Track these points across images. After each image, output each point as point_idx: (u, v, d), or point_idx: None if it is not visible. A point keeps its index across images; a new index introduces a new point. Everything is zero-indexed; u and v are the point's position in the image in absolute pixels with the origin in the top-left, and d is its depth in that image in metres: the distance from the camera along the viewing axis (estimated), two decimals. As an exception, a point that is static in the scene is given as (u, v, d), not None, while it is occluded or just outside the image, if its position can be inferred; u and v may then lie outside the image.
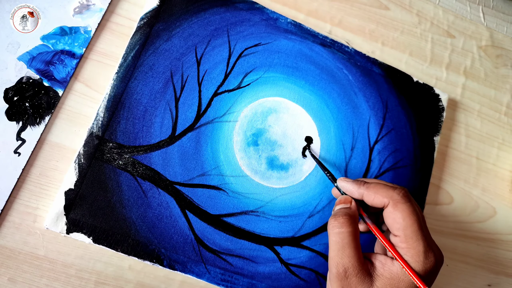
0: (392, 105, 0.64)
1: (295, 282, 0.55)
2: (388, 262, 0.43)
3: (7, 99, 0.51)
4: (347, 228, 0.44)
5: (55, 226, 0.49)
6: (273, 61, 0.60)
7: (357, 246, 0.43)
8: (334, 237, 0.44)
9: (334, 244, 0.44)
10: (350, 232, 0.43)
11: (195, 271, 0.52)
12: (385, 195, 0.44)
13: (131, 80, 0.54)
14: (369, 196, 0.45)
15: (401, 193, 0.44)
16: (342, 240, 0.43)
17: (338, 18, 0.66)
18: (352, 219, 0.45)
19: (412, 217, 0.42)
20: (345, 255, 0.42)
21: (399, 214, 0.43)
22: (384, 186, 0.45)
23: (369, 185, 0.46)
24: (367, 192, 0.46)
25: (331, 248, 0.44)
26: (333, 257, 0.43)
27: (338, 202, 0.48)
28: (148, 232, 0.51)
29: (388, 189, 0.44)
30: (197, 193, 0.54)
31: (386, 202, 0.44)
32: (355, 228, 0.44)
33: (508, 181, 0.68)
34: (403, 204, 0.43)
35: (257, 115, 0.58)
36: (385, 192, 0.44)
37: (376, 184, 0.46)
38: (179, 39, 0.57)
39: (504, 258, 0.65)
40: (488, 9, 0.74)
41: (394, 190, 0.44)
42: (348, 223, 0.44)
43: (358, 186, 0.47)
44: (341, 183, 0.49)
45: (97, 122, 0.52)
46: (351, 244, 0.43)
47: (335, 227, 0.44)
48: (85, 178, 0.51)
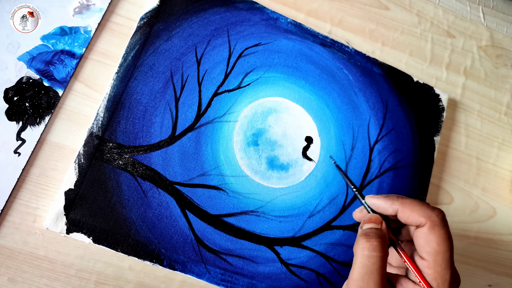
0: (392, 105, 0.64)
1: (295, 282, 0.55)
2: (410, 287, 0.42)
3: (7, 99, 0.51)
4: (379, 253, 0.41)
5: (55, 226, 0.49)
6: (273, 61, 0.60)
7: (385, 272, 0.41)
8: (363, 259, 0.41)
9: (361, 266, 0.41)
10: (381, 258, 0.41)
11: (195, 271, 0.52)
12: (423, 215, 0.41)
13: (131, 80, 0.54)
14: (405, 212, 0.42)
15: (440, 215, 0.41)
16: (372, 265, 0.41)
17: (338, 18, 0.66)
18: (384, 242, 0.42)
19: (447, 244, 0.40)
20: (372, 281, 0.40)
21: (435, 238, 0.40)
22: (421, 204, 0.42)
23: (404, 200, 0.43)
24: (402, 208, 0.43)
25: (356, 269, 0.41)
26: (357, 279, 0.41)
27: (368, 221, 0.45)
28: (148, 232, 0.51)
29: (426, 209, 0.42)
30: (197, 193, 0.54)
31: (423, 222, 0.41)
32: (386, 253, 0.42)
33: (508, 181, 0.68)
34: (441, 229, 0.41)
35: (257, 115, 0.58)
36: (423, 212, 0.41)
37: (411, 201, 0.43)
38: (179, 39, 0.57)
39: (505, 258, 0.65)
40: (488, 9, 0.74)
41: (433, 211, 0.41)
42: (380, 247, 0.41)
43: (392, 201, 0.44)
44: (371, 200, 0.46)
45: (97, 122, 0.52)
46: (380, 271, 0.40)
47: (365, 249, 0.41)
48: (85, 178, 0.51)
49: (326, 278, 0.56)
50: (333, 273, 0.57)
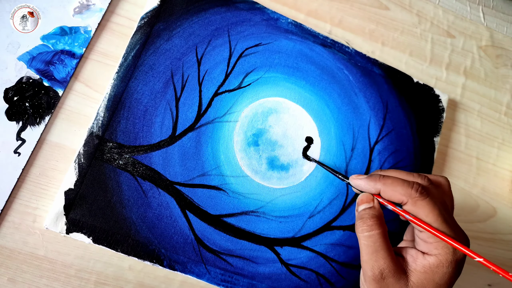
0: (392, 106, 0.64)
1: (295, 283, 0.55)
2: (420, 257, 0.43)
3: (7, 99, 0.51)
4: (377, 229, 0.43)
5: (55, 226, 0.49)
6: (273, 61, 0.60)
7: (389, 246, 0.43)
8: (365, 240, 0.44)
9: (366, 247, 0.43)
10: (380, 234, 0.43)
11: (195, 271, 0.52)
12: (403, 193, 0.43)
13: (132, 79, 0.54)
14: (387, 192, 0.44)
15: (419, 189, 0.43)
16: (374, 243, 0.43)
17: (338, 18, 0.66)
18: (380, 219, 0.45)
19: (434, 212, 0.42)
20: (380, 257, 0.42)
21: (420, 211, 0.42)
22: (401, 182, 0.44)
23: (386, 180, 0.45)
24: (384, 188, 0.45)
25: (363, 252, 0.44)
26: (367, 260, 0.43)
27: (360, 202, 0.47)
28: (148, 232, 0.51)
29: (406, 186, 0.43)
30: (197, 193, 0.54)
31: (404, 200, 0.43)
32: (384, 228, 0.44)
33: (508, 181, 0.68)
34: (422, 201, 0.42)
35: (257, 115, 0.58)
36: (402, 190, 0.43)
37: (393, 179, 0.45)
38: (179, 39, 0.57)
39: (505, 258, 0.66)
40: (488, 9, 0.74)
41: (412, 187, 0.43)
42: (377, 224, 0.44)
43: (374, 183, 0.46)
44: (355, 182, 0.48)
45: (97, 122, 0.52)
46: (383, 246, 0.43)
47: (364, 230, 0.44)
48: (85, 178, 0.51)
49: (326, 279, 0.56)
50: (333, 274, 0.57)
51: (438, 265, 0.42)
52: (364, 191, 0.47)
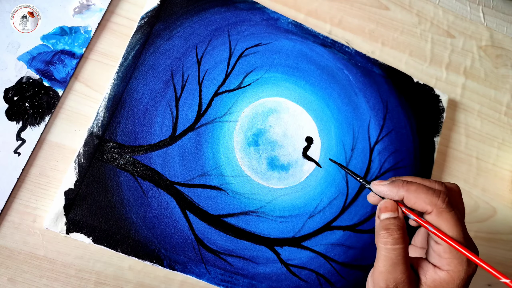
0: (392, 106, 0.64)
1: (295, 283, 0.55)
2: (430, 270, 0.42)
3: (7, 99, 0.51)
4: (401, 244, 0.42)
5: (54, 226, 0.49)
6: (273, 61, 0.60)
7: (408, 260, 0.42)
8: (387, 253, 0.42)
9: (386, 259, 0.42)
10: (403, 248, 0.42)
11: (195, 271, 0.52)
12: (428, 202, 0.41)
13: (132, 79, 0.54)
14: (410, 199, 0.42)
15: (446, 200, 0.41)
16: (396, 257, 0.41)
17: (338, 18, 0.66)
18: (405, 232, 0.43)
19: (457, 228, 0.41)
20: (398, 271, 0.41)
21: (444, 224, 0.41)
22: (425, 190, 0.42)
23: (409, 187, 0.43)
24: (407, 194, 0.43)
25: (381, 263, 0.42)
26: (384, 272, 0.42)
27: (384, 209, 0.44)
28: (148, 232, 0.51)
29: (431, 195, 0.41)
30: (197, 193, 0.54)
31: (429, 209, 0.41)
32: (407, 242, 0.42)
33: (508, 181, 0.68)
34: (448, 214, 0.41)
35: (257, 115, 0.58)
36: (428, 198, 0.41)
37: (417, 186, 0.43)
38: (179, 39, 0.57)
39: (505, 258, 0.66)
40: (488, 9, 0.74)
41: (438, 197, 0.41)
42: (402, 239, 0.42)
43: (397, 189, 0.44)
44: (377, 188, 0.46)
45: (97, 122, 0.52)
46: (404, 260, 0.41)
47: (388, 243, 0.42)
48: (85, 178, 0.51)
49: (326, 279, 0.56)
50: (333, 274, 0.57)
51: (449, 282, 0.41)
52: (387, 197, 0.45)
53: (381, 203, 0.45)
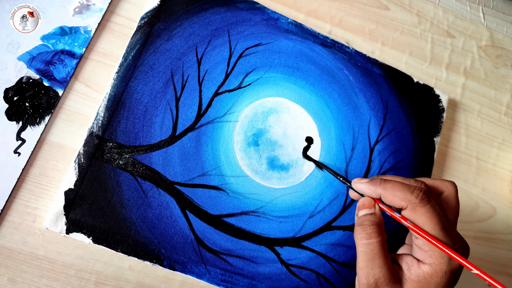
0: (392, 106, 0.64)
1: (295, 283, 0.55)
2: (414, 265, 0.42)
3: (7, 99, 0.51)
4: (376, 238, 0.43)
5: (54, 226, 0.49)
6: (273, 61, 0.60)
7: (386, 254, 0.43)
8: (363, 247, 0.43)
9: (363, 254, 0.43)
10: (379, 242, 0.43)
11: (195, 271, 0.52)
12: (402, 197, 0.42)
13: (132, 79, 0.54)
14: (387, 197, 0.44)
15: (419, 195, 0.42)
16: (371, 251, 0.42)
17: (338, 18, 0.66)
18: (380, 227, 0.44)
19: (433, 220, 0.41)
20: (375, 266, 0.42)
21: (419, 219, 0.41)
22: (401, 186, 0.43)
23: (386, 185, 0.44)
24: (384, 192, 0.44)
25: (360, 259, 0.43)
26: (363, 267, 0.43)
27: (362, 206, 0.46)
28: (148, 232, 0.51)
29: (406, 191, 0.42)
30: (197, 193, 0.54)
31: (404, 205, 0.42)
32: (383, 236, 0.43)
33: (508, 181, 0.68)
34: (422, 208, 0.41)
35: (257, 115, 0.58)
36: (402, 194, 0.42)
37: (393, 183, 0.44)
38: (179, 39, 0.57)
39: (505, 258, 0.66)
40: (488, 9, 0.74)
41: (412, 192, 0.42)
42: (376, 232, 0.43)
43: (375, 187, 0.45)
44: (357, 185, 0.47)
45: (97, 122, 0.52)
46: (381, 254, 0.42)
47: (363, 238, 0.43)
48: (85, 178, 0.51)
49: (326, 279, 0.56)
50: (333, 274, 0.57)
51: (432, 275, 0.41)
52: (365, 195, 0.47)
53: (359, 201, 0.47)
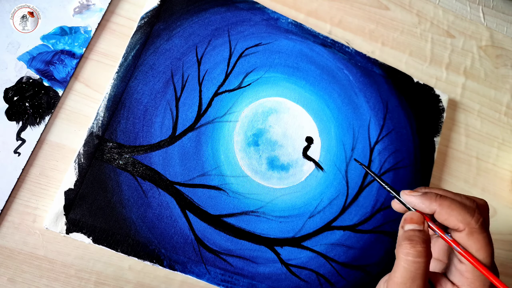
0: (392, 106, 0.64)
1: (295, 283, 0.55)
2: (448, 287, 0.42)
3: (7, 99, 0.51)
4: (424, 258, 0.40)
5: (54, 226, 0.49)
6: (273, 61, 0.60)
7: (427, 276, 0.41)
8: (407, 265, 0.40)
9: (404, 270, 0.40)
10: (425, 263, 0.40)
11: (195, 271, 0.52)
12: (461, 220, 0.40)
13: (132, 79, 0.54)
14: (442, 215, 0.41)
15: (480, 221, 0.40)
16: (415, 270, 0.40)
17: (338, 18, 0.66)
18: (429, 247, 0.41)
19: (487, 250, 0.39)
20: (415, 285, 0.40)
21: (474, 245, 0.39)
22: (460, 207, 0.40)
23: (443, 202, 0.41)
24: (439, 209, 0.41)
25: (399, 273, 0.40)
26: (400, 284, 0.40)
27: (410, 220, 0.43)
28: (148, 232, 0.51)
29: (465, 214, 0.40)
30: (197, 193, 0.54)
31: (461, 227, 0.40)
32: (430, 256, 0.41)
33: (508, 181, 0.68)
34: (480, 235, 0.39)
35: (257, 115, 0.58)
36: (461, 216, 0.40)
37: (451, 202, 0.41)
38: (179, 39, 0.57)
39: (505, 258, 0.65)
40: (488, 9, 0.74)
41: (472, 217, 0.40)
42: (425, 253, 0.40)
43: (430, 202, 0.42)
44: (407, 198, 0.44)
45: (97, 122, 0.52)
46: (423, 276, 0.40)
47: (410, 255, 0.40)
48: (85, 178, 0.51)
49: (326, 279, 0.56)
50: (333, 274, 0.57)
51: None
52: (417, 209, 0.44)
53: (407, 213, 0.44)
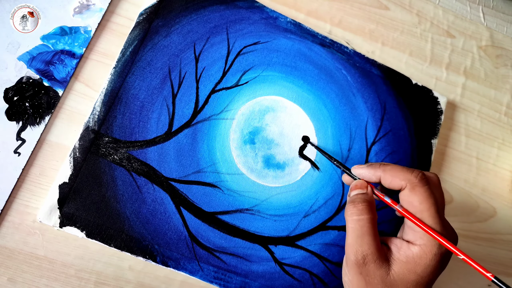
0: (390, 107, 0.63)
1: (288, 282, 0.55)
2: (404, 246, 0.43)
3: (7, 99, 0.51)
4: (366, 215, 0.44)
5: (48, 219, 0.49)
6: (271, 60, 0.60)
7: (376, 233, 0.44)
8: (353, 224, 0.44)
9: (352, 231, 0.44)
10: (369, 219, 0.44)
11: (188, 268, 0.52)
12: (402, 178, 0.44)
13: (129, 75, 0.54)
14: (386, 178, 0.45)
15: (419, 176, 0.43)
16: (361, 228, 0.43)
17: (338, 18, 0.66)
18: (371, 205, 0.45)
19: (429, 201, 0.42)
20: (364, 243, 0.43)
21: (416, 197, 0.43)
22: (401, 169, 0.45)
23: (386, 167, 0.46)
24: (383, 174, 0.45)
25: (349, 235, 0.44)
26: (352, 244, 0.43)
27: (354, 187, 0.47)
28: (142, 228, 0.51)
29: (406, 172, 0.44)
30: (192, 190, 0.54)
31: (403, 184, 0.43)
32: (374, 214, 0.44)
33: (508, 181, 0.68)
34: (421, 188, 0.43)
35: (254, 113, 0.58)
36: (402, 175, 0.44)
37: (392, 166, 0.46)
38: (178, 36, 0.57)
39: (505, 258, 0.65)
40: (488, 9, 0.74)
41: (412, 173, 0.44)
42: (367, 210, 0.44)
43: (375, 170, 0.46)
44: (357, 171, 0.48)
45: (94, 116, 0.52)
46: (370, 231, 0.43)
47: (353, 214, 0.44)
48: (80, 172, 0.51)
49: (319, 279, 0.56)
50: (327, 274, 0.56)
51: (421, 256, 0.42)
52: (365, 179, 0.48)
53: (353, 183, 0.48)
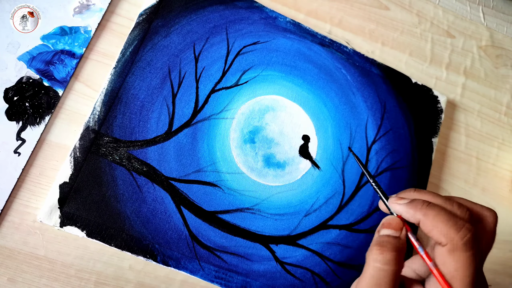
0: (390, 106, 0.63)
1: (290, 281, 0.55)
2: None
3: (7, 99, 0.51)
4: (392, 267, 0.37)
5: (48, 219, 0.49)
6: (271, 60, 0.60)
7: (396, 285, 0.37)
8: (374, 271, 0.37)
9: (371, 277, 0.37)
10: (393, 272, 0.37)
11: (189, 267, 0.52)
12: (444, 234, 0.36)
13: (129, 75, 0.54)
14: (426, 225, 0.38)
15: (465, 238, 0.36)
16: (382, 279, 0.37)
17: (338, 18, 0.66)
18: (400, 255, 0.38)
19: (467, 271, 0.36)
20: None
21: (453, 263, 0.36)
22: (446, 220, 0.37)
23: (428, 211, 0.38)
24: (424, 219, 0.38)
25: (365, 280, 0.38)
26: None
27: (387, 225, 0.40)
28: (142, 227, 0.51)
29: (450, 228, 0.36)
30: (192, 189, 0.54)
31: (443, 241, 0.36)
32: (400, 266, 0.37)
33: (508, 181, 0.68)
34: (463, 253, 0.36)
35: (254, 112, 0.58)
36: (446, 230, 0.36)
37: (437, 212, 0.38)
38: (177, 36, 0.57)
39: (505, 258, 0.65)
40: (488, 9, 0.74)
41: (458, 232, 0.36)
42: (395, 260, 0.37)
43: (414, 211, 0.39)
44: (395, 206, 0.41)
45: (94, 116, 0.52)
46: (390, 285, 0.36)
47: (377, 261, 0.37)
48: (80, 171, 0.51)
49: (321, 278, 0.56)
50: (329, 273, 0.56)
51: None
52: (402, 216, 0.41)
53: (385, 218, 0.42)
